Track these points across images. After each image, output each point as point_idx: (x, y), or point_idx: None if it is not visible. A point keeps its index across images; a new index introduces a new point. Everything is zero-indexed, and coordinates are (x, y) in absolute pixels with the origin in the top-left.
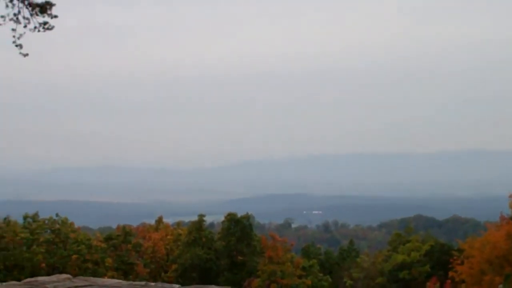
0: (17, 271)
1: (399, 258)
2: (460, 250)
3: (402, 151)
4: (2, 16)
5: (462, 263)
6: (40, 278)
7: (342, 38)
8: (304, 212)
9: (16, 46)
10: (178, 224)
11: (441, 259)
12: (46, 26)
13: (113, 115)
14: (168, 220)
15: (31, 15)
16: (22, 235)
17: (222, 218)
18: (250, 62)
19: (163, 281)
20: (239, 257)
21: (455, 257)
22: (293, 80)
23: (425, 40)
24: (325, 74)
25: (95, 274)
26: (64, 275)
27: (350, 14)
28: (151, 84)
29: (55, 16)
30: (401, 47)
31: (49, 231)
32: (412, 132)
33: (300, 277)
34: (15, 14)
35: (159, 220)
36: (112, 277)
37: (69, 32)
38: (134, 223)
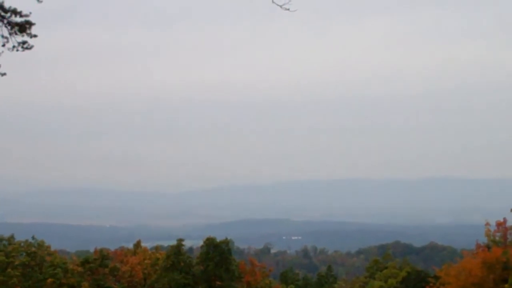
0: None
1: (376, 284)
2: (436, 277)
3: (382, 177)
4: None
5: None
6: None
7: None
8: (284, 237)
9: None
10: (157, 248)
11: (417, 286)
12: (25, 46)
13: (91, 136)
14: (147, 244)
15: (10, 34)
16: None
17: (201, 243)
18: (239, 89)
19: None
20: (217, 282)
21: (431, 284)
22: (284, 108)
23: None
24: (305, 103)
25: None
26: None
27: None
28: (135, 107)
29: (35, 36)
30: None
31: (24, 254)
32: (391, 159)
33: None
34: None
35: (137, 244)
36: None
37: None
38: (113, 247)
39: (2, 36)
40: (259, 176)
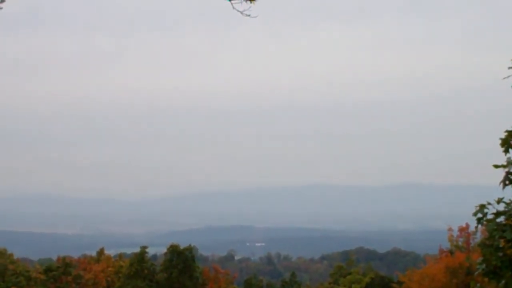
0: None
1: None
2: (400, 283)
3: (345, 183)
4: None
5: None
6: None
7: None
8: (247, 244)
9: None
10: (120, 255)
11: None
12: None
13: (54, 144)
14: (110, 251)
15: None
16: None
17: (165, 250)
18: (202, 96)
19: None
20: None
21: None
22: (247, 115)
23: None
24: (271, 110)
25: None
26: None
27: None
28: (96, 113)
29: None
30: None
31: None
32: (354, 165)
33: None
34: None
35: (101, 252)
36: None
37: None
38: (76, 255)
39: None
40: (223, 183)
